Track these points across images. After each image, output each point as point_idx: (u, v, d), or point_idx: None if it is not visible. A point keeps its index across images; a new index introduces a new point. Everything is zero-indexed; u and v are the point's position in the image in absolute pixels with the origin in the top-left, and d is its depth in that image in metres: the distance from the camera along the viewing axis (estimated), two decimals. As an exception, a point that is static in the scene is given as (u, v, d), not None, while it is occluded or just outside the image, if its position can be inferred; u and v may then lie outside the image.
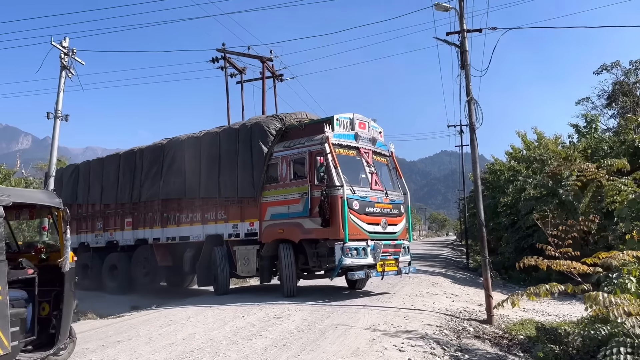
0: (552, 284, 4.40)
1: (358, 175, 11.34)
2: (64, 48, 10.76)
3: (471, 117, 9.68)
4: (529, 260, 5.06)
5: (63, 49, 10.78)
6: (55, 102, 10.93)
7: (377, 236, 10.87)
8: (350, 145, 11.25)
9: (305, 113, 12.74)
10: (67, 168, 17.21)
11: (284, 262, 10.73)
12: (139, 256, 14.24)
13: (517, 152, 26.21)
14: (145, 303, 12.64)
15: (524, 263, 5.13)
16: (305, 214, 10.73)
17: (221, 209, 12.42)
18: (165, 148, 13.88)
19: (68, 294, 5.54)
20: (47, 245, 6.89)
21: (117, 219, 15.04)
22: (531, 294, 4.60)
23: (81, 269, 15.95)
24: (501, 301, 5.16)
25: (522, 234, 20.80)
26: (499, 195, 25.54)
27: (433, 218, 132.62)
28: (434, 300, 10.82)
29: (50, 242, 6.70)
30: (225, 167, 12.26)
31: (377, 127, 12.21)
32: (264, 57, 20.95)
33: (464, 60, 9.91)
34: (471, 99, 9.72)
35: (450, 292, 13.03)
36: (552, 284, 4.40)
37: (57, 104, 10.99)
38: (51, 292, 5.65)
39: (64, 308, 5.47)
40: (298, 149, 11.24)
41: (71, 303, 5.63)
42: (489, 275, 9.66)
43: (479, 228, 9.80)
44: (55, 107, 10.94)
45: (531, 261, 5.03)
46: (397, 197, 11.93)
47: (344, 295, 11.62)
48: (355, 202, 10.51)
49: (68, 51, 10.84)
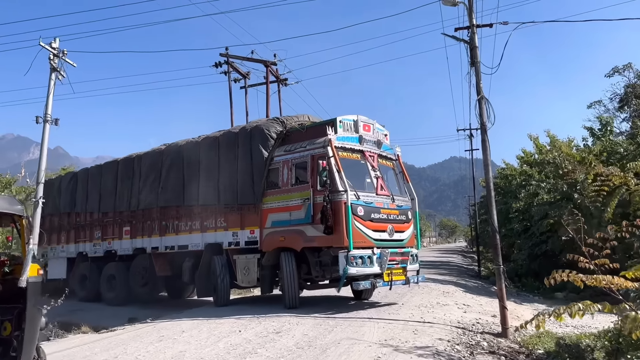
0: (586, 303, 3.74)
1: (363, 180, 10.78)
2: (53, 49, 10.34)
3: (482, 117, 9.10)
4: (560, 275, 4.31)
5: (53, 50, 10.36)
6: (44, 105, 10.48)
7: (383, 244, 10.29)
8: (354, 148, 10.71)
9: (307, 116, 12.22)
10: (66, 176, 16.84)
11: (286, 272, 10.17)
12: (137, 266, 13.75)
13: (529, 156, 25.56)
14: (144, 314, 12.15)
15: (554, 279, 4.38)
16: (307, 220, 10.18)
17: (221, 216, 11.90)
18: (163, 154, 13.42)
19: (31, 312, 4.99)
20: (12, 257, 6.34)
21: (115, 228, 14.57)
22: (560, 315, 3.93)
23: (79, 280, 15.55)
24: (524, 323, 4.51)
25: (536, 240, 20.14)
26: (510, 201, 24.89)
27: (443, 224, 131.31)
28: (444, 312, 10.21)
29: (15, 253, 6.19)
30: (225, 172, 11.76)
31: (383, 129, 11.66)
32: (267, 61, 20.48)
33: (474, 57, 9.35)
34: (482, 98, 9.15)
35: (462, 302, 12.40)
36: (586, 303, 3.74)
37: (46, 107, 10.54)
38: (14, 309, 5.10)
39: (27, 327, 4.92)
40: (299, 153, 10.71)
41: (36, 321, 5.07)
42: (503, 285, 9.05)
43: (491, 234, 9.19)
44: (45, 111, 10.49)
45: (563, 276, 4.28)
46: (404, 202, 11.35)
47: (350, 306, 11.03)
48: (359, 207, 9.94)
49: (58, 52, 10.42)
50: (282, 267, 10.29)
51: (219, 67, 20.83)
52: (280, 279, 10.55)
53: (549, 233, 18.86)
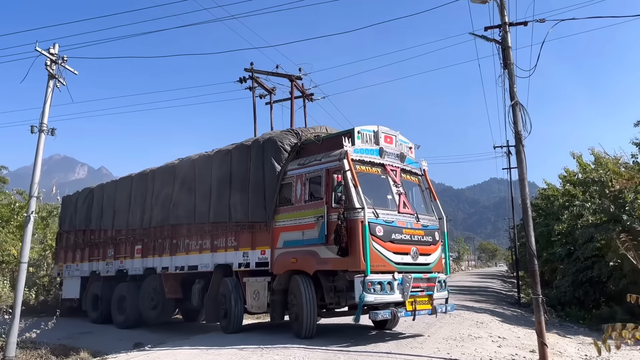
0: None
1: (383, 197, 9.77)
2: (52, 55, 9.86)
3: (517, 125, 8.02)
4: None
5: (51, 55, 9.88)
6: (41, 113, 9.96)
7: (406, 268, 9.21)
8: (374, 161, 9.73)
9: (325, 127, 11.35)
10: (82, 192, 16.43)
11: (305, 298, 9.07)
12: (147, 287, 13.02)
13: (572, 175, 23.92)
14: (151, 339, 11.38)
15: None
16: (321, 240, 9.20)
17: (231, 235, 11.07)
18: (176, 169, 12.76)
19: None
20: None
21: (127, 246, 13.95)
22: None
23: (92, 300, 14.96)
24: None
25: (580, 265, 18.51)
26: (552, 223, 23.28)
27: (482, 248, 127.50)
28: (475, 346, 9.01)
29: None
30: (236, 188, 10.96)
31: (407, 141, 10.66)
32: (292, 75, 19.81)
33: (507, 59, 8.32)
34: (516, 103, 8.09)
35: (497, 334, 11.12)
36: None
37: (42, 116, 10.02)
38: None
39: None
40: (314, 167, 9.81)
41: None
42: (542, 318, 7.84)
43: (529, 259, 8.01)
44: (41, 120, 9.97)
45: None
46: (431, 222, 10.26)
47: (369, 337, 9.93)
48: (378, 227, 8.92)
49: (57, 58, 9.93)
50: (296, 292, 9.25)
51: (243, 82, 20.32)
52: (292, 305, 9.51)
53: (595, 258, 17.35)
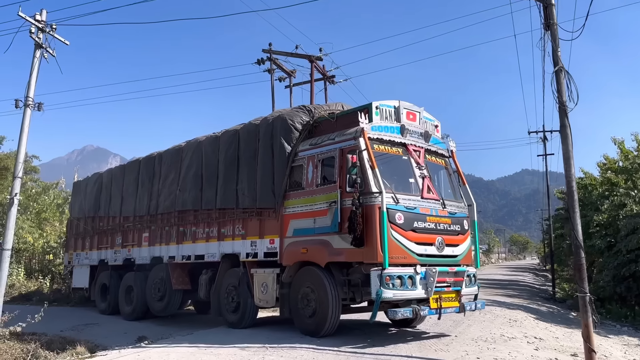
0: None
1: (405, 180, 8.71)
2: (38, 22, 9.03)
3: (561, 94, 6.86)
4: None
5: (37, 23, 9.04)
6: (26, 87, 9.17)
7: (429, 260, 8.15)
8: (395, 140, 8.66)
9: (341, 104, 10.32)
10: (92, 177, 15.78)
11: (331, 294, 8.06)
12: (154, 277, 12.26)
13: (612, 163, 22.32)
14: (157, 332, 10.66)
15: None
16: (333, 229, 8.21)
17: (239, 222, 10.17)
18: (183, 151, 11.91)
19: None
20: None
21: (135, 234, 13.21)
22: None
23: (100, 290, 14.34)
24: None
25: (623, 259, 17.14)
26: (591, 213, 21.80)
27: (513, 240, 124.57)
28: (509, 350, 7.91)
29: None
30: (244, 171, 10.04)
31: (432, 118, 9.54)
32: (312, 56, 18.75)
33: (550, 18, 7.13)
34: (560, 69, 6.91)
35: (533, 334, 9.99)
36: None
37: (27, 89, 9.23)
38: None
39: None
40: (327, 147, 8.79)
41: None
42: (590, 320, 6.71)
43: (574, 251, 6.86)
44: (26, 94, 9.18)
45: None
46: (459, 209, 9.15)
47: (388, 336, 8.93)
48: (398, 214, 7.88)
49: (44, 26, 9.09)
50: (318, 287, 8.20)
51: (261, 64, 19.38)
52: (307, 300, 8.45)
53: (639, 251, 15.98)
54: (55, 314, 14.47)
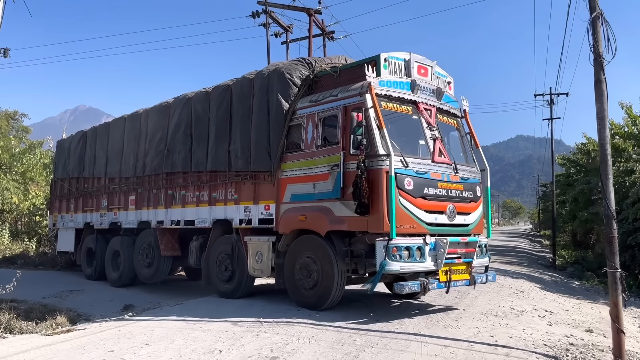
0: None
1: (414, 142, 7.96)
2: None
3: (597, 45, 6.03)
4: None
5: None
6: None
7: (440, 229, 7.47)
8: (404, 97, 7.83)
9: (344, 57, 9.42)
10: (76, 135, 14.85)
11: (336, 267, 7.39)
12: (142, 242, 11.56)
13: (618, 128, 21.62)
14: (145, 300, 10.09)
15: None
16: (335, 195, 7.48)
17: (231, 186, 9.40)
18: (170, 108, 11.02)
19: None
20: None
21: (121, 197, 12.43)
22: None
23: (86, 254, 13.67)
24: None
25: (628, 227, 16.62)
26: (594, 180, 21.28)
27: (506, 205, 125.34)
28: (523, 325, 7.36)
29: None
30: (237, 130, 9.21)
31: (445, 75, 8.68)
32: (311, 9, 17.69)
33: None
34: (597, 16, 6.06)
35: (542, 306, 9.46)
36: None
37: (-11, 33, 8.28)
38: None
39: None
40: (329, 103, 7.95)
41: None
42: (619, 298, 6.08)
43: (605, 222, 6.16)
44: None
45: None
46: (472, 174, 8.42)
47: (391, 309, 8.33)
48: (407, 179, 7.14)
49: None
50: (322, 258, 7.51)
51: (256, 17, 18.27)
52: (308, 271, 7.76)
53: (646, 219, 15.48)
54: (40, 278, 13.85)
